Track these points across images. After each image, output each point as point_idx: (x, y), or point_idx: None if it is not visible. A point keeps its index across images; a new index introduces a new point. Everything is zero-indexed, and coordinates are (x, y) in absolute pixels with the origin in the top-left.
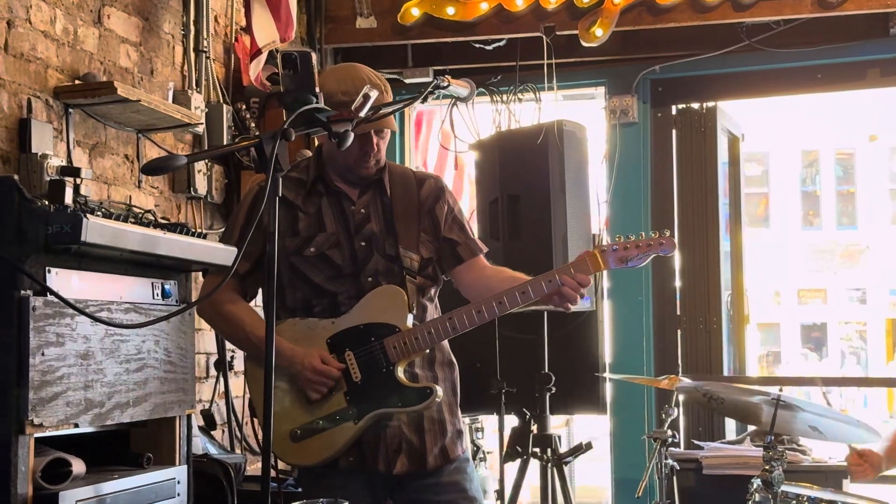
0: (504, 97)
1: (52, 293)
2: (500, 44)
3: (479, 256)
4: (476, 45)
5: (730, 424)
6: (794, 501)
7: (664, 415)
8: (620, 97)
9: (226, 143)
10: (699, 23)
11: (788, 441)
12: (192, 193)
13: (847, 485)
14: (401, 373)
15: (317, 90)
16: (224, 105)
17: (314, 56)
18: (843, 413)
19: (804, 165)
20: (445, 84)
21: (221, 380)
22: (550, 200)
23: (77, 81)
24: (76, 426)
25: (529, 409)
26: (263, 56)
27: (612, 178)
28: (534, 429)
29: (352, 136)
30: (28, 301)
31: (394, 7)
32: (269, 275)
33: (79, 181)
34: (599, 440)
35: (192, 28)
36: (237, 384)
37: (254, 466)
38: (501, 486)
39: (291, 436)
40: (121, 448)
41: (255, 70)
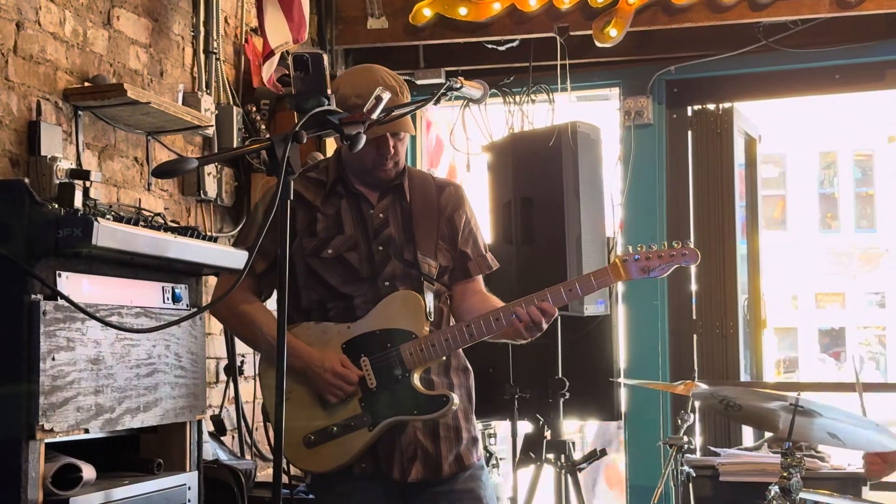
0: (517, 98)
1: (63, 297)
2: (513, 44)
3: (479, 278)
4: (489, 46)
5: (747, 431)
6: None
7: (680, 421)
8: (635, 98)
9: (236, 146)
10: (715, 23)
11: (807, 447)
12: (202, 196)
13: (867, 492)
14: (417, 380)
15: (329, 92)
16: (234, 107)
17: (325, 57)
18: (865, 418)
19: (822, 167)
20: (458, 85)
21: (231, 385)
22: (564, 203)
23: (86, 83)
24: (86, 431)
25: (543, 415)
26: (276, 57)
27: (627, 181)
28: (547, 435)
29: (364, 139)
30: (38, 305)
31: (405, 7)
32: (281, 279)
33: (88, 184)
34: (613, 446)
35: (202, 29)
36: (247, 389)
37: (265, 473)
38: (515, 493)
39: (305, 441)
40: (131, 454)
41: (268, 71)
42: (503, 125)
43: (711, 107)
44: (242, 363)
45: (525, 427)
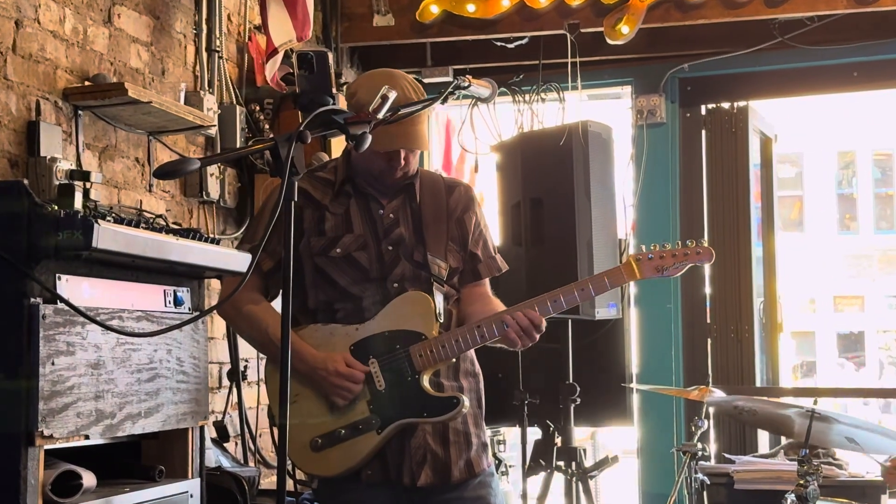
0: (526, 97)
1: (63, 301)
2: (523, 42)
3: (486, 280)
4: (497, 44)
5: (762, 437)
6: None
7: (694, 427)
8: (647, 97)
9: (239, 146)
10: (730, 19)
11: (824, 454)
12: (205, 198)
13: (886, 500)
14: (426, 382)
15: (333, 91)
16: (237, 106)
17: (330, 56)
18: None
19: (840, 167)
20: (466, 84)
21: (234, 390)
22: (575, 204)
23: (87, 83)
24: (87, 438)
25: (553, 421)
26: (280, 56)
27: (639, 181)
28: (558, 441)
29: (369, 139)
30: (38, 309)
31: (412, 4)
32: (286, 282)
33: (88, 185)
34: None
35: (205, 27)
36: (251, 395)
37: (268, 480)
38: (524, 502)
39: (312, 445)
40: (132, 460)
41: (272, 70)
42: (512, 124)
43: (726, 105)
44: (246, 368)
45: (535, 433)
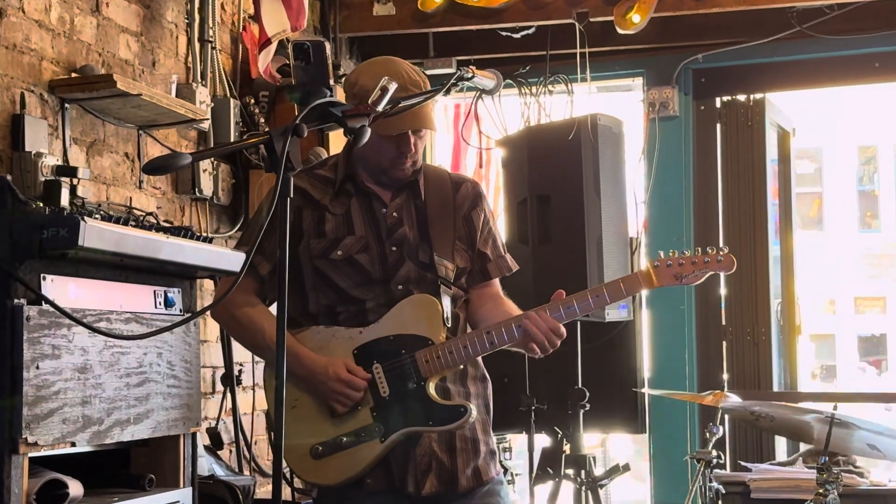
0: (533, 89)
1: (48, 302)
2: (529, 31)
3: (496, 280)
4: (503, 33)
5: (780, 444)
6: None
7: (708, 434)
8: (660, 89)
9: (233, 140)
10: (745, 7)
11: (844, 462)
12: (197, 194)
13: None
14: (432, 389)
15: (331, 82)
16: (231, 99)
17: (328, 46)
18: None
19: (861, 162)
20: (470, 75)
21: (229, 396)
22: (584, 201)
23: (74, 74)
24: (73, 445)
25: (561, 428)
26: (273, 46)
27: (651, 177)
28: (566, 449)
29: (368, 132)
30: (21, 310)
31: None
32: (281, 282)
33: (76, 181)
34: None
35: (197, 16)
36: (245, 400)
37: (264, 489)
38: None
39: (312, 452)
40: (120, 469)
41: (264, 61)
42: (518, 118)
43: (742, 98)
44: (240, 372)
45: (542, 441)
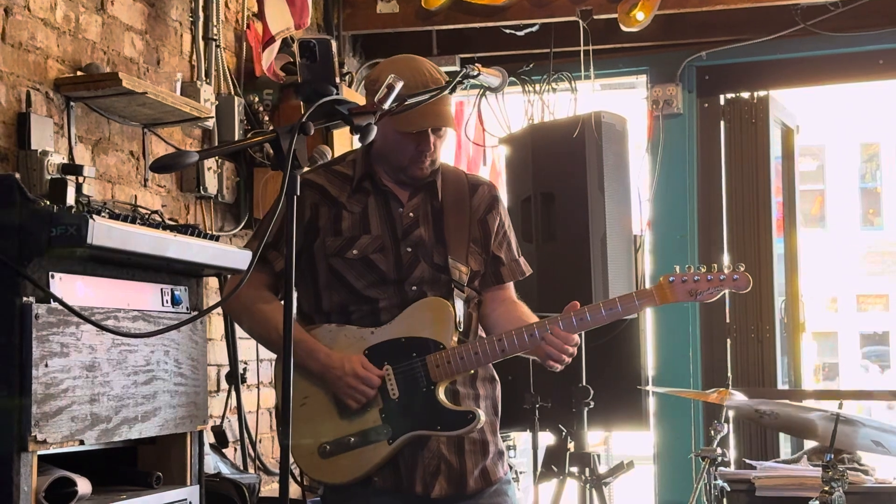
0: (537, 87)
1: (56, 300)
2: (533, 29)
3: (511, 284)
4: (507, 31)
5: (784, 442)
6: None
7: (713, 431)
8: (664, 86)
9: (238, 139)
10: (749, 5)
11: (849, 459)
12: (202, 193)
13: None
14: (442, 394)
15: (336, 80)
16: (236, 97)
17: (333, 43)
18: None
19: (864, 160)
20: (475, 73)
21: (234, 394)
22: (588, 199)
23: (79, 73)
24: (81, 443)
25: (566, 426)
26: (277, 44)
27: (655, 175)
28: (570, 446)
29: (375, 130)
30: (30, 308)
31: None
32: (288, 280)
33: (81, 180)
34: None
35: (202, 15)
36: (250, 398)
37: (269, 487)
38: None
39: (320, 451)
40: (128, 466)
41: (268, 59)
42: (522, 115)
43: (745, 95)
44: (245, 370)
45: (547, 438)
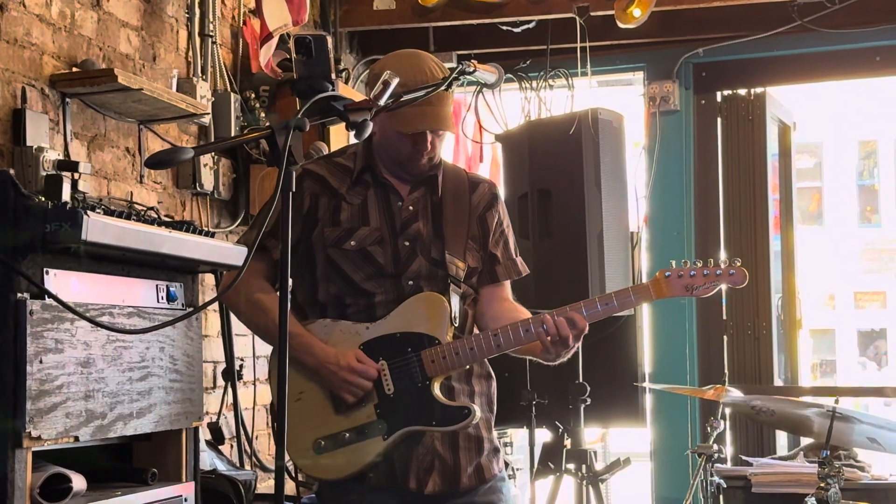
0: (534, 84)
1: (51, 296)
2: (530, 26)
3: (507, 283)
4: (503, 28)
5: (781, 438)
6: None
7: (709, 428)
8: (660, 83)
9: (234, 135)
10: (746, 1)
11: (846, 457)
12: (198, 189)
13: None
14: (437, 389)
15: (332, 77)
16: (232, 94)
17: (329, 40)
18: None
19: (861, 157)
20: (471, 69)
21: (230, 390)
22: (584, 195)
23: (74, 69)
24: (76, 439)
25: (562, 422)
26: (274, 41)
27: (652, 171)
28: (567, 443)
29: (370, 126)
30: (25, 304)
31: None
32: (283, 276)
33: (77, 176)
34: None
35: (198, 11)
36: (247, 395)
37: (265, 484)
38: None
39: (315, 447)
40: (123, 463)
41: (266, 56)
42: (519, 112)
43: (742, 92)
44: (241, 367)
45: (543, 435)
